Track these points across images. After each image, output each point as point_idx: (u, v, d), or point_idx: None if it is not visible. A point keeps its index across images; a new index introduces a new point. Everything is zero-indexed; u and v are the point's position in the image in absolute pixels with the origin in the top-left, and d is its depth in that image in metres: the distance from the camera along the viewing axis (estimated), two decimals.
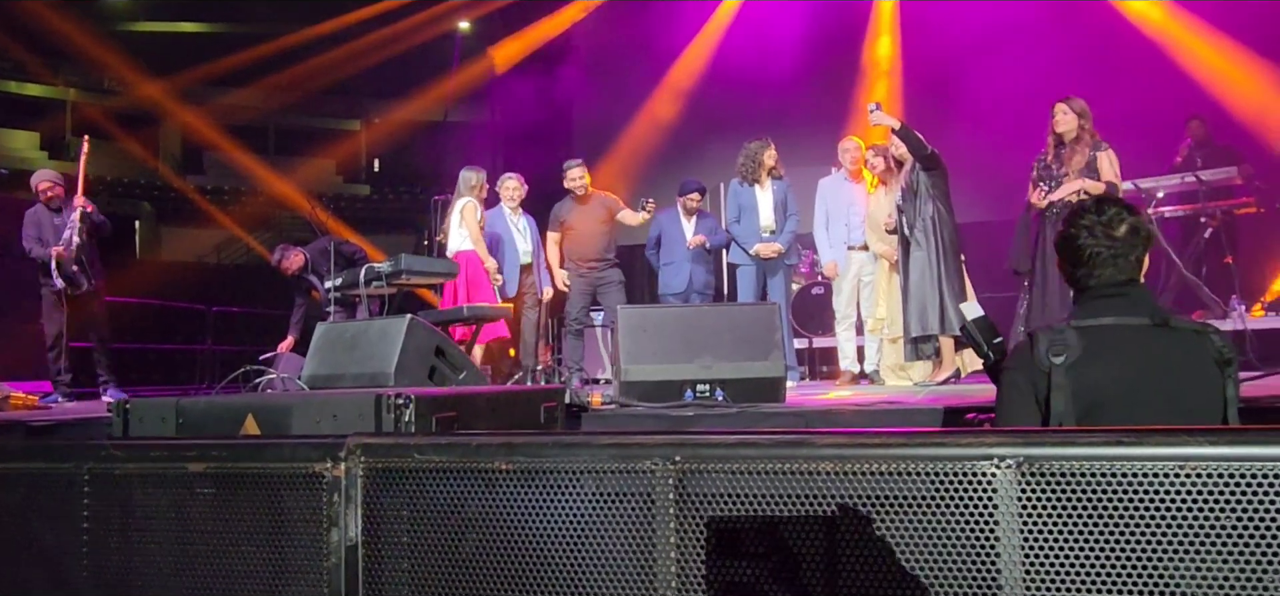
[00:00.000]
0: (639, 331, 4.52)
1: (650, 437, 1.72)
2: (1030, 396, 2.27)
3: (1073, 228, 2.42)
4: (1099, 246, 2.35)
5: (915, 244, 5.95)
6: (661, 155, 10.26)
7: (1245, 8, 8.48)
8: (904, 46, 10.43)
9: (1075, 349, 2.23)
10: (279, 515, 1.96)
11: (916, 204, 6.02)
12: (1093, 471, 1.55)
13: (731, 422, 3.99)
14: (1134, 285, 2.37)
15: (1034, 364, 2.26)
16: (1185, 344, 2.25)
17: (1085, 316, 2.32)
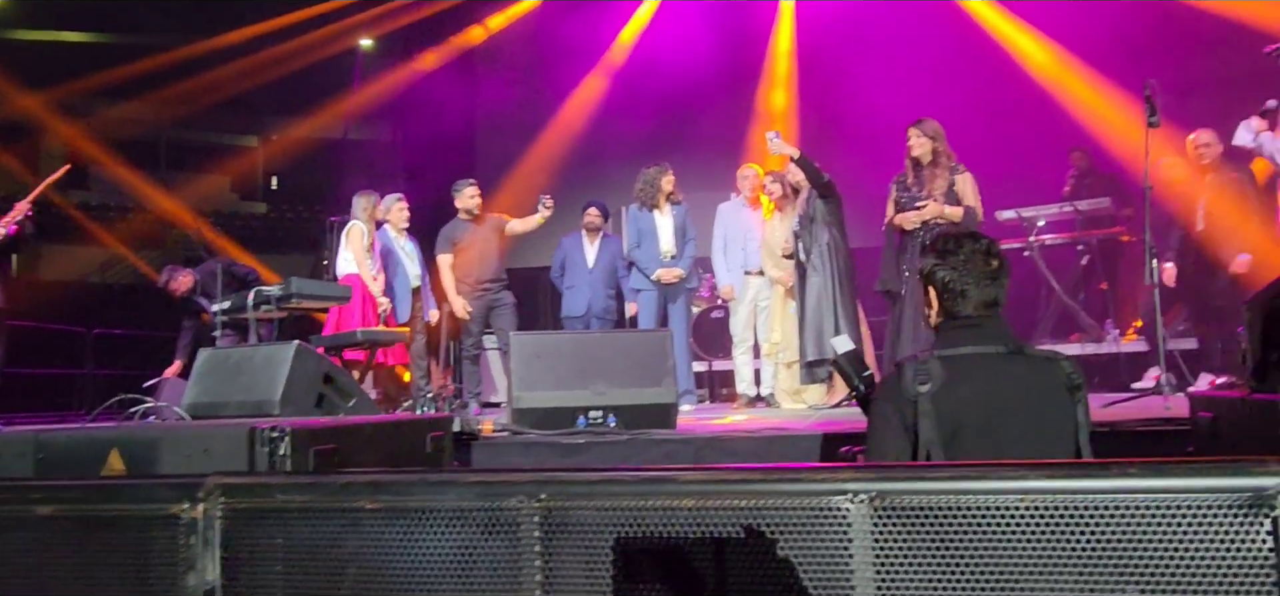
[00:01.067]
0: (532, 358, 4.52)
1: (515, 475, 1.72)
2: (898, 425, 2.33)
3: (944, 259, 2.50)
4: (958, 278, 2.44)
5: (812, 269, 6.09)
6: (564, 181, 10.26)
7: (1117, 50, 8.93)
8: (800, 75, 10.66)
9: (939, 378, 2.30)
10: (138, 558, 1.89)
11: (813, 230, 6.17)
12: (942, 505, 1.60)
13: (623, 449, 4.01)
14: (992, 315, 2.45)
15: (902, 393, 2.33)
16: (1038, 371, 2.35)
17: (946, 346, 2.40)
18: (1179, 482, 1.52)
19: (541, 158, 10.83)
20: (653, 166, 7.08)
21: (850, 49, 9.87)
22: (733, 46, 10.64)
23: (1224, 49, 8.36)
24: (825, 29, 10.35)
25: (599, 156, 10.56)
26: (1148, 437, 3.49)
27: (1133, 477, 1.55)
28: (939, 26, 10.00)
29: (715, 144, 9.91)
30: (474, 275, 7.20)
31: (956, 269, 2.43)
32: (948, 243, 2.53)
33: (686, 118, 10.24)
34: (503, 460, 4.02)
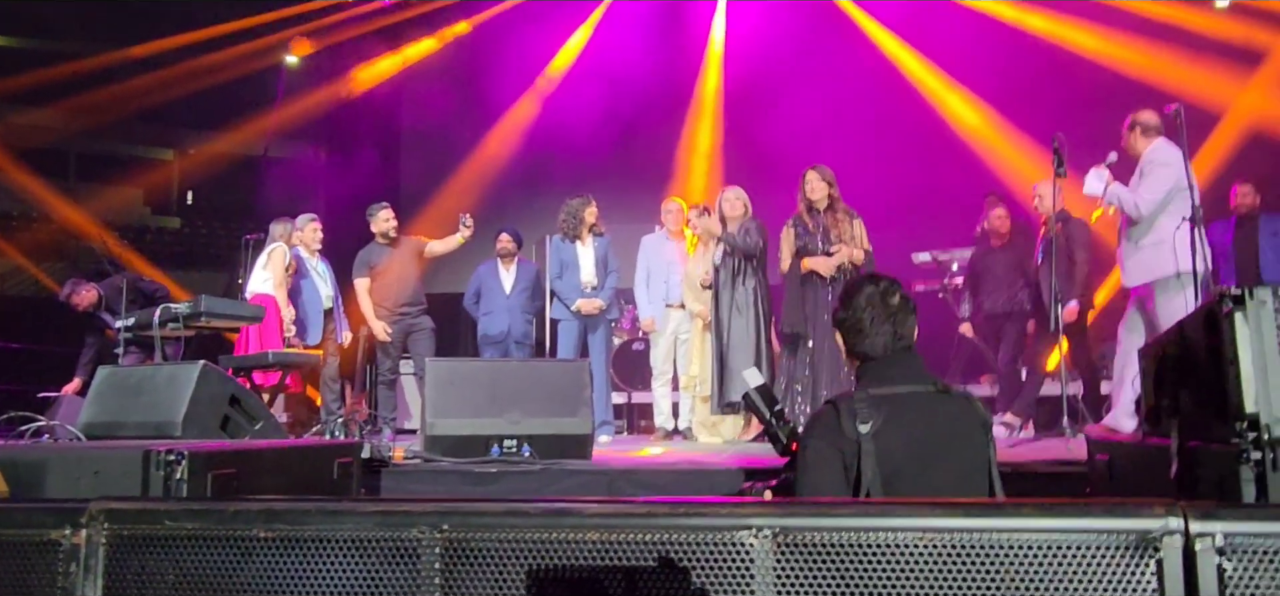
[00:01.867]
0: (447, 384, 4.45)
1: (417, 505, 1.69)
2: (837, 464, 2.33)
3: (854, 300, 2.54)
4: (878, 317, 2.48)
5: (737, 310, 6.19)
6: (487, 207, 10.21)
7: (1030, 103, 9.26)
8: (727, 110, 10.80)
9: (877, 417, 2.31)
10: (16, 587, 1.80)
11: (742, 271, 6.28)
12: (843, 542, 1.62)
13: (536, 479, 3.98)
14: (911, 352, 2.51)
15: (841, 432, 2.32)
16: (960, 409, 2.41)
17: (876, 385, 2.41)
18: (1071, 523, 1.56)
19: (465, 183, 10.75)
20: (576, 198, 7.08)
21: (777, 88, 10.05)
22: (661, 81, 10.73)
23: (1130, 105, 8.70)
24: (754, 67, 10.52)
25: (523, 184, 10.55)
26: (1048, 479, 3.59)
27: (1028, 517, 1.59)
28: (863, 71, 10.25)
29: (641, 176, 9.96)
30: (392, 299, 7.13)
31: (857, 310, 2.48)
32: (851, 287, 2.58)
33: (613, 149, 10.27)
34: (413, 488, 3.95)
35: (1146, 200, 5.20)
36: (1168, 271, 5.09)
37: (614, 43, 10.93)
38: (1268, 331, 2.19)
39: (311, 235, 7.10)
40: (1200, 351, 2.42)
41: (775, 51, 10.41)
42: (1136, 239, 5.29)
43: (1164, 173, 5.20)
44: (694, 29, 11.11)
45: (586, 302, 6.89)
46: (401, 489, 3.93)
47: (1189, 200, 5.09)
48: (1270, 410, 2.17)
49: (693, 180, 10.46)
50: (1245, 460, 2.16)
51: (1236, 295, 2.22)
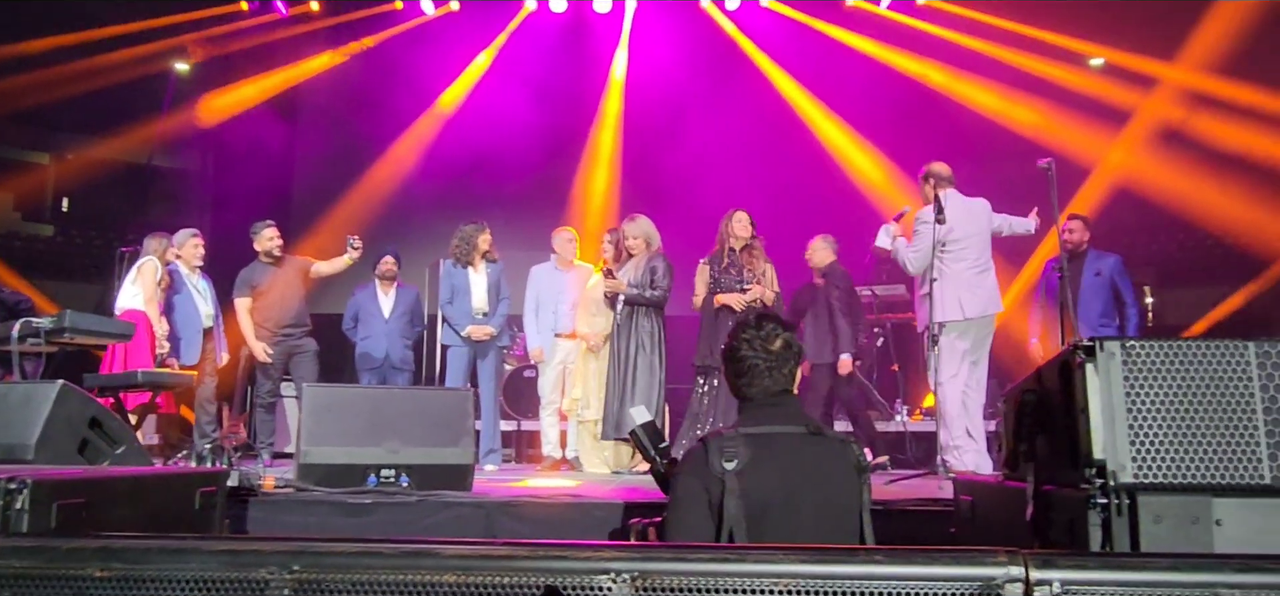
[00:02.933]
0: (324, 411, 4.32)
1: (266, 544, 1.62)
2: (703, 501, 2.35)
3: (736, 341, 2.58)
4: (758, 359, 2.52)
5: (640, 346, 6.25)
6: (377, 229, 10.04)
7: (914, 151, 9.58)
8: (625, 144, 10.87)
9: (745, 455, 2.34)
10: None
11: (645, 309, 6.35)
12: (702, 586, 1.62)
13: (411, 511, 3.89)
14: (788, 395, 2.56)
15: (708, 469, 2.35)
16: (833, 452, 2.45)
17: (750, 424, 2.46)
18: (919, 571, 1.60)
19: (358, 203, 10.54)
20: (470, 223, 7.01)
21: (675, 121, 10.17)
22: (560, 110, 10.74)
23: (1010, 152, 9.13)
24: (654, 99, 10.63)
25: (415, 207, 10.40)
26: (918, 517, 3.68)
27: (879, 564, 1.62)
28: (759, 110, 10.46)
29: (536, 205, 9.93)
30: (274, 319, 6.94)
31: (757, 349, 2.51)
32: (738, 326, 2.62)
33: (509, 176, 10.23)
34: (282, 519, 3.81)
35: (913, 260, 5.78)
36: (937, 318, 5.56)
37: (515, 71, 10.91)
38: (1115, 382, 2.30)
39: (192, 251, 6.85)
40: (1055, 399, 2.53)
41: (675, 85, 10.56)
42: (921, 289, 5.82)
43: (924, 230, 5.68)
44: (595, 61, 11.16)
45: (477, 329, 6.81)
46: (269, 520, 3.78)
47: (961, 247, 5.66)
48: (1116, 457, 2.27)
49: (590, 209, 10.47)
50: (1093, 505, 2.25)
51: (1088, 346, 2.33)
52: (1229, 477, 2.24)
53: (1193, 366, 2.29)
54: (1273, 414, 2.27)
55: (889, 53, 10.52)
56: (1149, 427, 2.27)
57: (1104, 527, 2.25)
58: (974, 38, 10.14)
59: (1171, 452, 2.26)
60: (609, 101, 11.07)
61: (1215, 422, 2.27)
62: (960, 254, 5.74)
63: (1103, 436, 2.28)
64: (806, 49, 10.78)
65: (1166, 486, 2.24)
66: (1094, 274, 6.78)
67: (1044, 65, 9.72)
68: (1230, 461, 2.25)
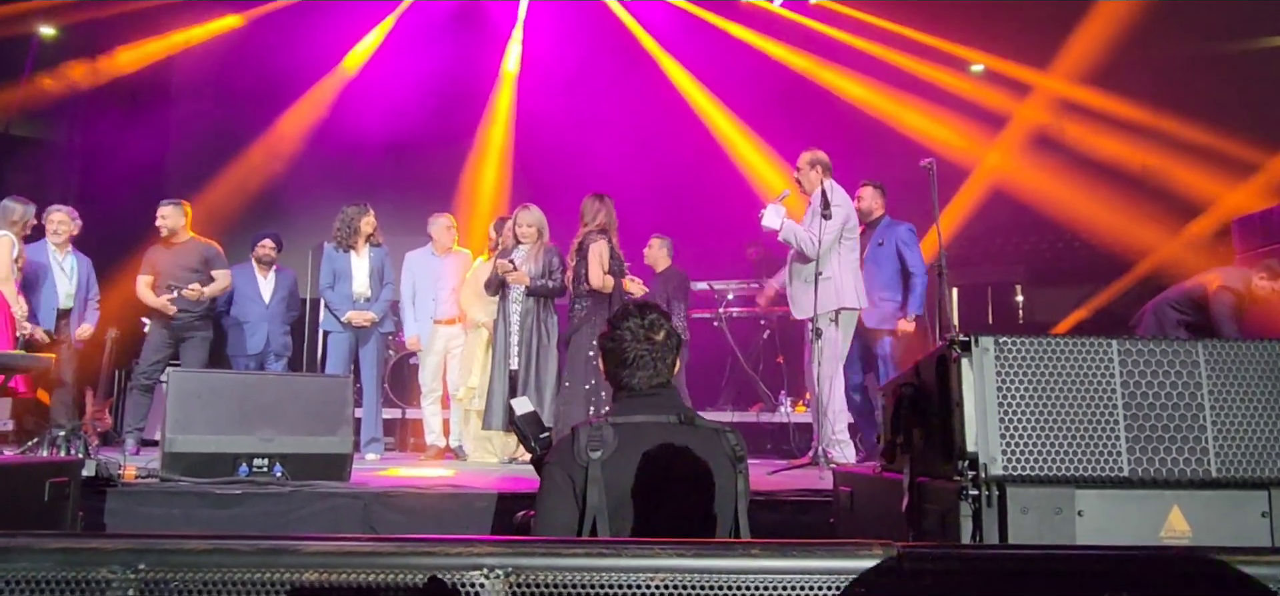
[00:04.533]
0: (192, 397, 4.11)
1: (108, 542, 1.51)
2: (568, 490, 2.32)
3: (619, 330, 2.54)
4: (642, 349, 2.49)
5: (546, 338, 6.24)
6: (258, 208, 9.67)
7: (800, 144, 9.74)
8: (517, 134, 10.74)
9: (611, 444, 2.32)
10: None
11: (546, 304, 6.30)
12: (576, 582, 1.58)
13: (284, 501, 3.74)
14: (667, 386, 2.53)
15: (574, 458, 2.32)
16: (706, 441, 2.42)
17: (620, 413, 2.43)
18: (795, 563, 1.59)
19: (234, 182, 10.11)
20: (353, 205, 6.80)
21: (566, 110, 10.09)
22: (450, 95, 10.53)
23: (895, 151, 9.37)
24: (543, 91, 10.53)
25: (297, 189, 10.06)
26: (798, 508, 3.73)
27: (755, 558, 1.61)
28: (652, 101, 10.46)
29: (421, 190, 9.72)
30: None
31: (622, 340, 2.47)
32: (618, 314, 2.57)
33: (394, 160, 9.99)
34: (143, 511, 3.61)
35: (824, 239, 5.59)
36: (832, 306, 5.56)
37: (406, 52, 10.64)
38: (988, 376, 2.35)
39: (63, 226, 6.48)
40: (932, 392, 2.58)
41: (568, 75, 10.47)
42: (807, 276, 5.68)
43: (836, 213, 5.64)
44: (488, 46, 10.98)
45: (358, 315, 6.61)
46: (129, 513, 3.58)
47: (855, 238, 5.77)
48: (988, 450, 2.33)
49: (480, 197, 10.31)
50: (965, 497, 2.31)
51: (964, 342, 2.38)
52: (1091, 470, 2.32)
53: (1060, 362, 2.37)
54: (1132, 408, 2.36)
55: (781, 49, 10.66)
56: (1018, 421, 2.33)
57: (975, 518, 2.31)
58: (863, 39, 10.37)
59: (1039, 446, 2.33)
60: (501, 88, 10.91)
61: (1079, 416, 2.35)
62: (853, 244, 5.83)
63: (975, 429, 2.33)
64: (701, 42, 10.83)
65: (1033, 478, 2.31)
66: (877, 244, 6.47)
67: (929, 68, 10.00)
68: (1092, 454, 2.33)
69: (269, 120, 10.52)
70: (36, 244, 6.45)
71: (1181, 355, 2.38)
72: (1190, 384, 2.37)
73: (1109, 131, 9.03)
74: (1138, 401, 2.36)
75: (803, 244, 5.68)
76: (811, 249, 5.60)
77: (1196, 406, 2.36)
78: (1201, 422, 2.36)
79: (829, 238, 5.60)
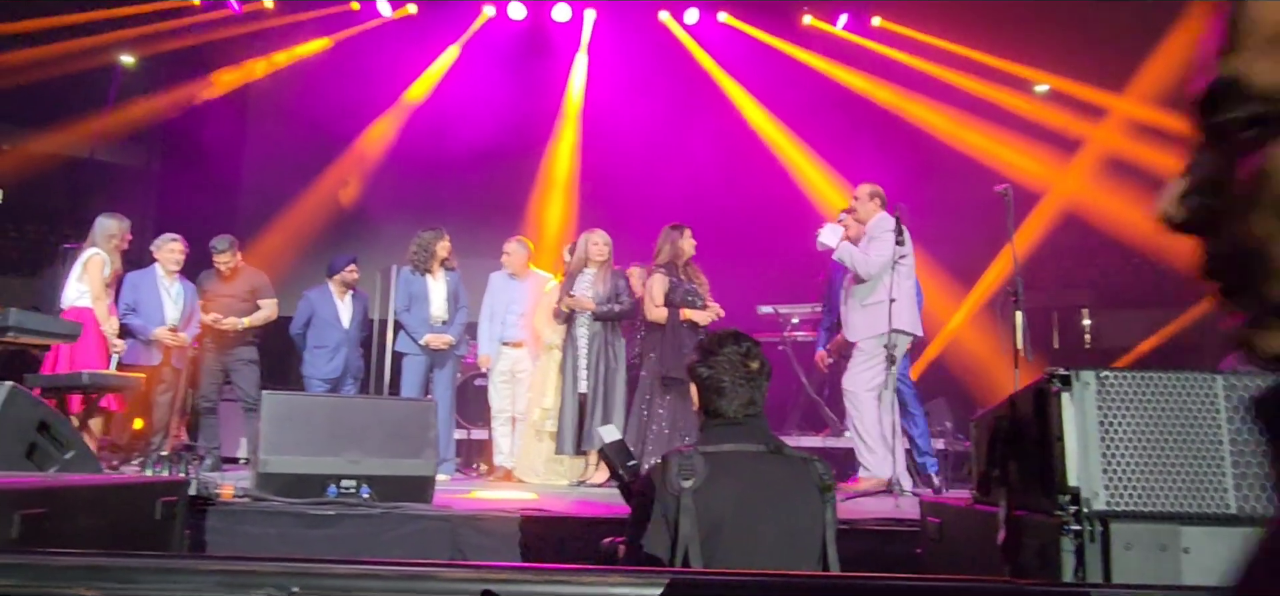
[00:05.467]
0: (284, 419, 4.24)
1: (259, 563, 1.59)
2: (661, 519, 2.35)
3: (714, 359, 2.56)
4: (738, 378, 2.52)
5: (615, 363, 6.28)
6: (332, 231, 9.89)
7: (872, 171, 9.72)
8: (584, 152, 10.85)
9: (702, 473, 2.34)
10: None
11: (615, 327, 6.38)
12: None
13: (374, 523, 3.83)
14: (758, 416, 2.55)
15: (666, 487, 2.34)
16: (794, 470, 2.45)
17: (709, 442, 2.45)
18: None
19: (309, 207, 10.37)
20: (429, 230, 6.95)
21: (631, 134, 10.17)
22: (517, 117, 10.69)
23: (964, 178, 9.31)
24: (608, 113, 10.62)
25: (367, 212, 10.28)
26: (881, 537, 3.73)
27: None
28: (716, 127, 10.52)
29: (493, 213, 9.87)
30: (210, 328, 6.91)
31: (718, 368, 2.51)
32: (712, 342, 2.60)
33: (463, 184, 10.16)
34: (242, 530, 3.73)
35: (876, 262, 5.69)
36: (885, 329, 5.55)
37: (474, 76, 10.84)
38: (1090, 410, 2.35)
39: (170, 254, 6.79)
40: (1029, 425, 2.58)
41: (633, 97, 10.57)
42: (862, 299, 5.80)
43: (889, 239, 5.66)
44: (554, 69, 11.13)
45: (436, 338, 6.74)
46: (229, 531, 3.70)
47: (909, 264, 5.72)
48: (1090, 485, 2.32)
49: (548, 218, 10.44)
50: (1066, 532, 2.30)
51: (1064, 375, 2.38)
52: (1197, 506, 2.30)
53: (1163, 397, 2.36)
54: (1238, 445, 2.34)
55: (844, 72, 10.66)
56: (1121, 456, 2.33)
57: (1077, 554, 2.30)
58: (925, 60, 10.33)
59: (1142, 481, 2.32)
60: (567, 112, 11.04)
61: (1184, 452, 2.34)
62: (909, 272, 5.86)
63: (1077, 464, 2.33)
64: (763, 65, 10.88)
65: (1137, 514, 2.30)
66: None
67: (994, 90, 9.93)
68: (1198, 490, 2.31)
69: (341, 144, 10.78)
70: (148, 269, 6.72)
71: None
72: None
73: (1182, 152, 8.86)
74: (1244, 437, 2.34)
75: (858, 265, 5.78)
76: (867, 270, 5.72)
77: None
78: None
79: (881, 261, 5.67)
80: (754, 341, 2.61)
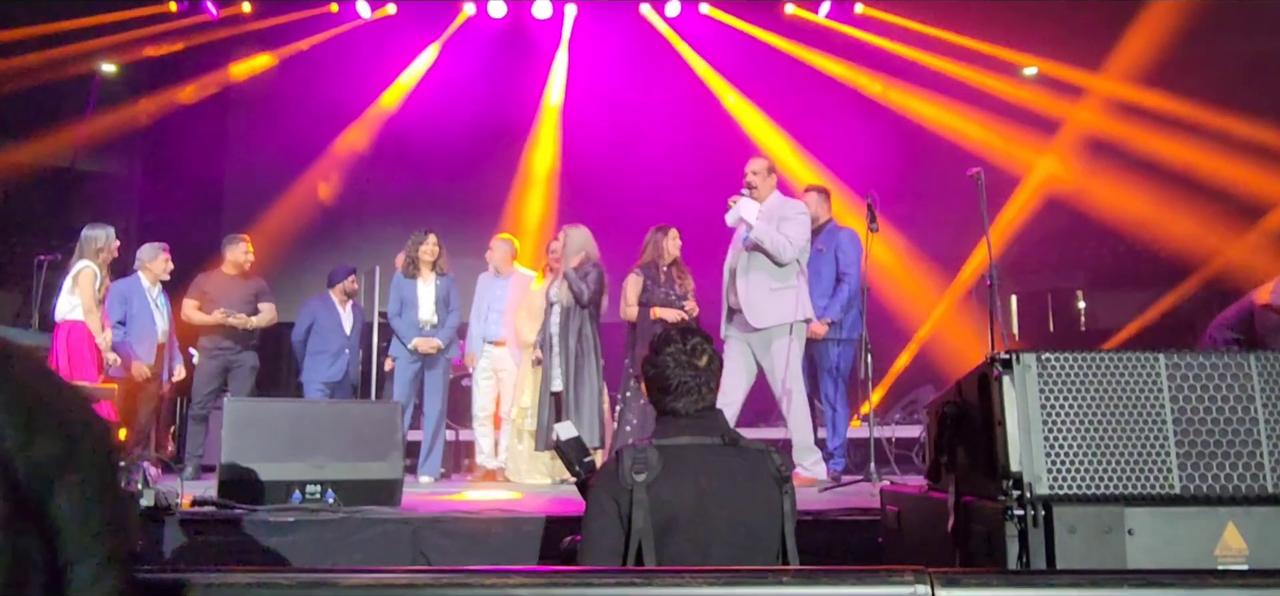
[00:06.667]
0: (245, 426, 4.21)
1: (153, 575, 1.55)
2: (614, 514, 2.33)
3: (661, 355, 2.54)
4: (685, 374, 2.49)
5: (581, 354, 6.22)
6: (313, 237, 9.86)
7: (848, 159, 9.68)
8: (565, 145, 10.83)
9: (655, 467, 2.32)
10: None
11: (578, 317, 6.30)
12: None
13: (336, 528, 3.80)
14: (711, 409, 2.52)
15: (619, 481, 2.32)
16: (750, 462, 2.41)
17: (664, 435, 2.43)
18: (827, 591, 1.59)
19: (291, 209, 10.34)
20: (418, 233, 6.94)
21: (613, 129, 10.15)
22: (499, 115, 10.67)
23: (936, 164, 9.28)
24: (591, 108, 10.60)
25: (350, 215, 10.26)
26: (846, 527, 3.69)
27: (786, 586, 1.60)
28: (699, 119, 10.48)
29: (474, 212, 9.85)
30: (213, 331, 6.87)
31: (663, 365, 2.48)
32: (658, 339, 2.58)
33: (446, 184, 10.13)
34: (201, 539, 3.70)
35: (797, 244, 5.39)
36: (795, 316, 5.34)
37: (454, 75, 10.80)
38: (1031, 394, 2.32)
39: (161, 265, 6.78)
40: (974, 411, 2.54)
41: (615, 91, 10.54)
42: (772, 285, 5.46)
43: (804, 219, 5.49)
44: (535, 66, 11.10)
45: (423, 342, 6.72)
46: (188, 539, 3.67)
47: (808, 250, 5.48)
48: (1032, 469, 2.29)
49: (529, 216, 10.41)
50: (1010, 517, 2.27)
51: (1005, 359, 2.34)
52: (1141, 487, 2.27)
53: (1105, 378, 2.32)
54: (1181, 424, 2.30)
55: (827, 61, 10.62)
56: (1064, 439, 2.29)
57: (1021, 539, 2.27)
58: (908, 46, 10.29)
59: (1085, 463, 2.28)
60: (546, 109, 11.01)
61: (1127, 433, 2.30)
62: (807, 252, 5.69)
63: (1019, 448, 2.29)
64: (746, 57, 10.84)
65: (1081, 497, 2.26)
66: (817, 250, 6.26)
67: (975, 74, 9.89)
68: (1142, 471, 2.28)
69: (323, 147, 10.76)
70: (130, 279, 6.69)
71: (1233, 368, 2.32)
72: (1243, 397, 2.31)
73: (1167, 132, 8.83)
74: (1187, 416, 2.30)
75: (778, 248, 5.38)
76: (787, 253, 5.37)
77: (1250, 419, 2.30)
78: (1256, 436, 2.30)
79: (801, 243, 5.42)
80: (703, 336, 2.58)
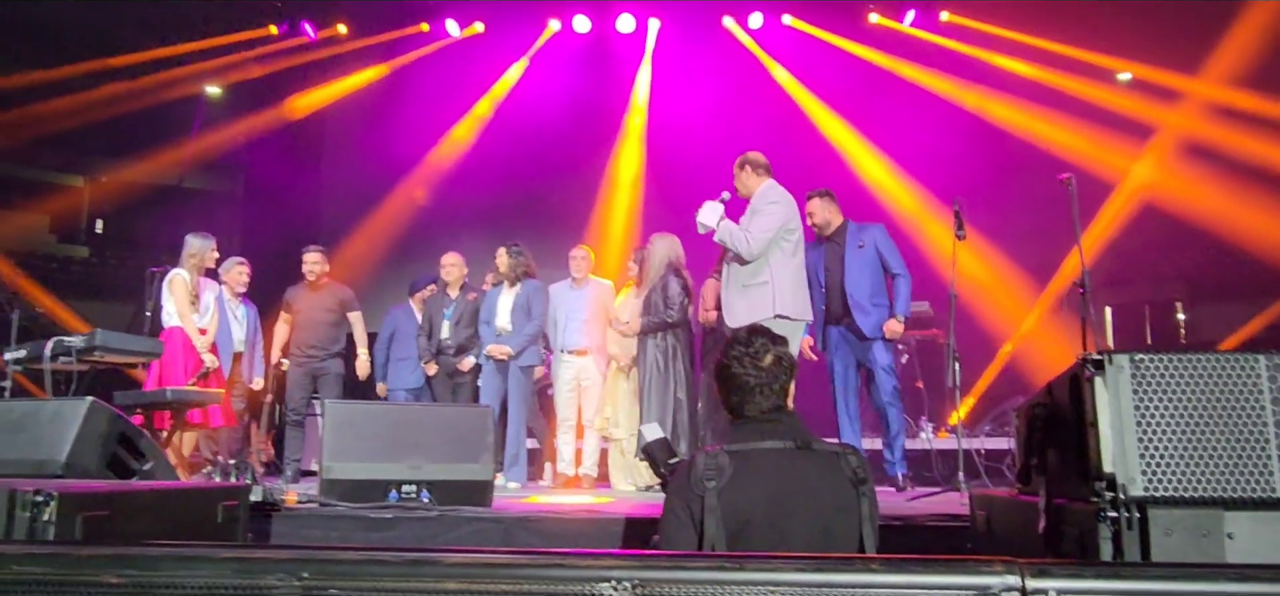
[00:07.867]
0: (345, 427, 4.38)
1: (275, 552, 1.66)
2: (687, 518, 2.33)
3: (727, 358, 2.55)
4: (748, 375, 2.49)
5: (657, 363, 6.28)
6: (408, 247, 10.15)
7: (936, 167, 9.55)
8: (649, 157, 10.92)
9: (727, 472, 2.32)
10: None
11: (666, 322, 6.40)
12: (700, 594, 1.64)
13: (432, 526, 3.93)
14: (782, 411, 2.51)
15: (691, 486, 2.33)
16: (824, 464, 2.39)
17: (737, 440, 2.42)
18: (914, 579, 1.61)
19: (385, 222, 10.67)
20: (504, 245, 7.15)
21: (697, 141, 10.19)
22: (585, 128, 10.82)
23: (1027, 172, 9.10)
24: (674, 121, 10.67)
25: (441, 226, 10.51)
26: (934, 532, 3.67)
27: (876, 573, 1.63)
28: (783, 131, 10.46)
29: (560, 223, 10.00)
30: (301, 340, 7.22)
31: (730, 367, 2.50)
32: (736, 341, 2.57)
33: (534, 196, 10.32)
34: (305, 533, 3.86)
35: (758, 239, 5.16)
36: (768, 313, 5.06)
37: (542, 91, 11.01)
38: (1124, 395, 2.29)
39: (237, 277, 7.05)
40: (1065, 413, 2.52)
41: (699, 103, 10.59)
42: (744, 281, 5.25)
43: (775, 211, 5.24)
44: (620, 79, 11.23)
45: (495, 348, 6.89)
46: (293, 534, 3.84)
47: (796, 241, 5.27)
48: (1126, 470, 2.26)
49: (613, 227, 10.53)
50: (1103, 518, 2.24)
51: (1097, 360, 2.32)
52: (1240, 491, 2.22)
53: (1202, 379, 2.28)
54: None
55: (912, 69, 10.51)
56: (1159, 440, 2.26)
57: (1114, 541, 2.24)
58: (995, 52, 10.12)
59: (1182, 466, 2.25)
60: (632, 120, 11.12)
61: (1226, 435, 2.25)
62: (794, 248, 5.37)
63: (1112, 449, 2.27)
64: (829, 66, 10.79)
65: (1177, 499, 2.23)
66: (857, 247, 6.15)
67: (1067, 80, 9.67)
68: (1241, 474, 2.23)
69: (414, 163, 11.07)
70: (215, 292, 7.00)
71: None
72: None
73: (1270, 136, 8.50)
74: None
75: (738, 244, 5.22)
76: (748, 249, 5.18)
77: None
78: None
79: (765, 237, 5.17)
80: (770, 336, 2.56)
